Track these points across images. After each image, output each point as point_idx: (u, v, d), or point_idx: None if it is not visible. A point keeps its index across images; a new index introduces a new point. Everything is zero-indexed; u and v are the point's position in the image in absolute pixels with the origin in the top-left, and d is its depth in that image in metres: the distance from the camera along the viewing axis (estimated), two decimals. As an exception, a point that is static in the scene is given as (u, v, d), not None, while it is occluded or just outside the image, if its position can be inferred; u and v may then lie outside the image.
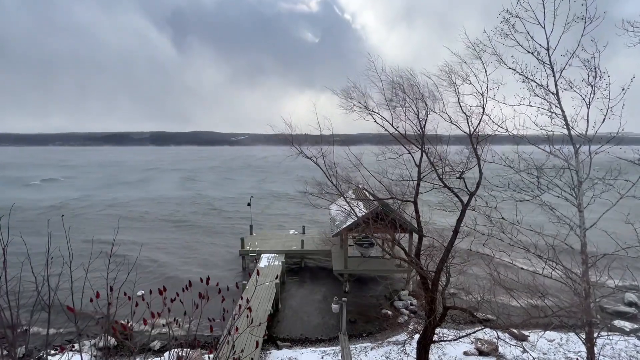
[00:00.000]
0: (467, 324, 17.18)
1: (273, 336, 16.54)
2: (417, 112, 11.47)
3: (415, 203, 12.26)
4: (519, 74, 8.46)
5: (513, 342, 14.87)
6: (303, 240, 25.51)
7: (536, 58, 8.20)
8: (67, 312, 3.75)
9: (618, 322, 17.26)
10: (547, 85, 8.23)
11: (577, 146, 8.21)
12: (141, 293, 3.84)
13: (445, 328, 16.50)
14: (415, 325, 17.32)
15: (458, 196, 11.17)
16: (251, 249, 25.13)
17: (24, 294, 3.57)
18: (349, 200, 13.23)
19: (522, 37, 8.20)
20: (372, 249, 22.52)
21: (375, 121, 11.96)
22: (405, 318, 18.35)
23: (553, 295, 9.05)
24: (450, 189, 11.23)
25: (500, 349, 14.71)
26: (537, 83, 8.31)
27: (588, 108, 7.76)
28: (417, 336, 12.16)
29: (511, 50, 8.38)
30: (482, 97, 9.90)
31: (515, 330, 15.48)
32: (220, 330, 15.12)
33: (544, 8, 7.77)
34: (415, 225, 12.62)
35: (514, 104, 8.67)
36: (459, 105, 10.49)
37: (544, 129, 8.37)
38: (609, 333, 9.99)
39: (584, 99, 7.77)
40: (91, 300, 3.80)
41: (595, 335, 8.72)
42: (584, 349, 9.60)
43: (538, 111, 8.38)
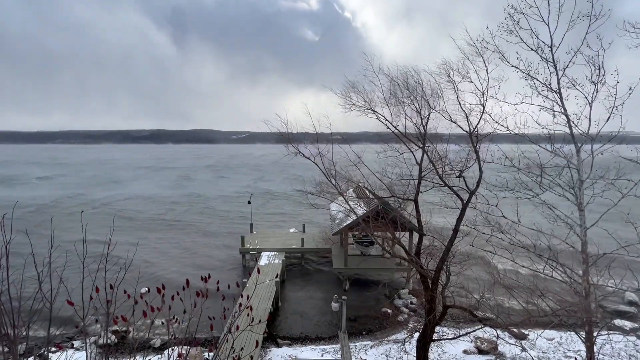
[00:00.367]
0: (467, 322, 17.19)
1: (273, 334, 16.56)
2: (419, 110, 11.43)
3: (415, 201, 12.24)
4: (522, 71, 8.43)
5: (513, 341, 14.89)
6: (303, 239, 25.51)
7: (539, 55, 8.16)
8: (69, 308, 3.73)
9: (618, 321, 17.27)
10: (550, 83, 8.19)
11: (579, 145, 8.18)
12: (145, 290, 3.82)
13: (445, 326, 16.51)
14: (415, 324, 17.32)
15: (458, 195, 11.15)
16: (251, 247, 25.14)
17: (23, 294, 3.57)
18: (349, 198, 13.21)
19: (526, 35, 8.16)
20: (372, 248, 22.53)
21: (377, 118, 11.92)
22: (405, 316, 18.37)
23: (553, 294, 9.05)
24: (450, 187, 11.20)
25: (499, 348, 14.73)
26: (540, 81, 8.27)
27: (590, 106, 7.72)
28: (417, 334, 12.16)
29: (514, 47, 8.35)
30: (483, 95, 9.86)
31: (514, 329, 15.49)
32: (220, 329, 15.14)
33: (549, 5, 7.72)
34: (416, 223, 12.61)
35: (515, 102, 8.64)
36: (459, 103, 10.46)
37: (545, 127, 8.34)
38: (609, 332, 9.98)
39: (586, 98, 7.74)
40: (91, 298, 3.78)
41: (595, 334, 8.73)
42: (583, 347, 9.61)
43: (540, 109, 8.35)
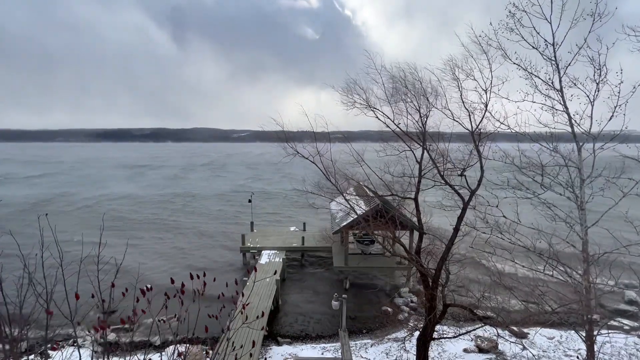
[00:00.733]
0: (467, 321, 17.20)
1: (274, 332, 16.59)
2: (419, 108, 11.39)
3: (415, 200, 12.22)
4: (524, 69, 8.37)
5: (513, 340, 14.88)
6: (304, 237, 25.52)
7: (541, 54, 8.10)
8: (67, 308, 3.72)
9: (618, 320, 17.24)
10: (552, 81, 8.14)
11: (580, 144, 8.14)
12: (147, 287, 3.81)
13: (445, 325, 16.51)
14: (415, 323, 17.29)
15: (459, 194, 11.12)
16: (252, 246, 25.16)
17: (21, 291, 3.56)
18: (349, 197, 13.18)
19: (527, 33, 8.09)
20: (373, 246, 22.52)
21: (377, 117, 11.89)
22: (405, 315, 18.38)
23: (553, 293, 9.03)
24: (451, 186, 11.17)
25: (500, 346, 14.74)
26: (542, 79, 8.22)
27: (592, 105, 7.68)
28: (417, 333, 12.16)
29: (515, 45, 8.28)
30: (486, 94, 9.81)
31: (515, 328, 15.48)
32: (219, 327, 15.17)
33: (552, 3, 7.64)
34: (416, 222, 12.59)
35: (517, 100, 8.59)
36: (462, 101, 10.41)
37: (547, 126, 8.29)
38: (609, 331, 9.96)
39: (588, 96, 7.69)
40: (92, 296, 3.77)
41: (595, 333, 8.71)
42: (583, 346, 9.60)
43: (542, 108, 8.31)
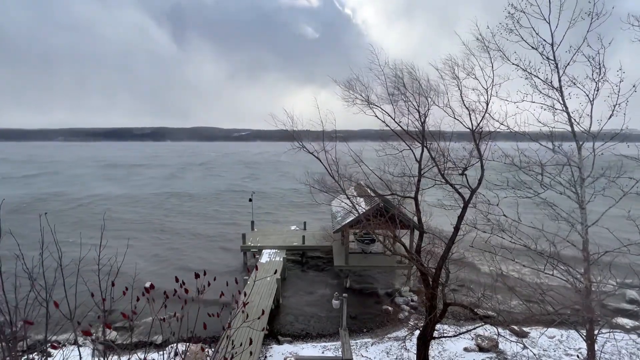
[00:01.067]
0: (468, 320, 17.20)
1: (274, 331, 16.62)
2: (418, 107, 11.37)
3: (415, 199, 12.21)
4: (523, 69, 8.36)
5: (513, 339, 14.86)
6: (304, 236, 25.53)
7: (540, 54, 8.10)
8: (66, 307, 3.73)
9: (619, 320, 17.22)
10: (551, 81, 8.13)
11: (580, 143, 8.13)
12: (149, 284, 3.80)
13: (445, 324, 16.52)
14: (416, 322, 17.32)
15: (459, 192, 11.11)
16: (252, 245, 25.19)
17: (21, 290, 3.56)
18: (350, 196, 13.17)
19: (526, 33, 8.08)
20: (373, 245, 22.52)
21: (376, 116, 11.87)
22: (406, 314, 18.39)
23: (554, 292, 9.02)
24: (451, 185, 11.16)
25: (500, 345, 14.73)
26: (541, 79, 8.21)
27: (592, 104, 7.67)
28: (418, 332, 12.17)
29: (515, 46, 8.27)
30: (487, 93, 9.79)
31: (515, 327, 15.48)
32: (220, 327, 15.19)
33: (550, 3, 7.64)
34: (416, 221, 12.58)
35: (516, 100, 8.58)
36: (462, 100, 10.39)
37: (547, 125, 8.29)
38: (610, 330, 9.95)
39: (587, 96, 7.68)
40: (92, 295, 3.77)
41: (596, 332, 8.70)
42: (584, 346, 9.61)
43: (541, 108, 8.30)
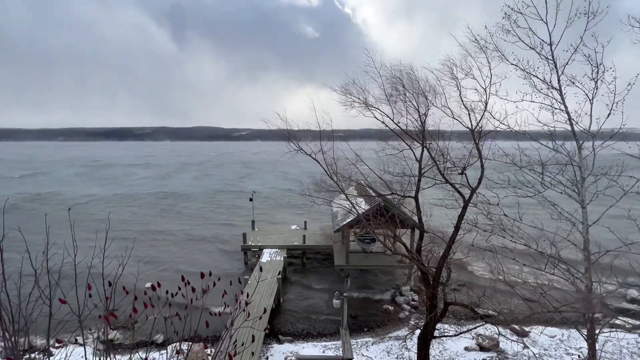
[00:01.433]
0: (468, 319, 17.20)
1: (275, 330, 16.65)
2: (418, 107, 11.38)
3: (416, 199, 12.22)
4: (522, 69, 8.37)
5: (514, 338, 14.87)
6: (305, 236, 25.57)
7: (538, 54, 8.10)
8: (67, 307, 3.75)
9: (620, 319, 17.21)
10: (550, 81, 8.14)
11: (580, 142, 8.14)
12: (149, 285, 3.81)
13: (446, 323, 16.54)
14: (417, 321, 17.35)
15: (460, 192, 11.12)
16: (253, 244, 25.22)
17: (23, 289, 3.58)
18: (350, 196, 13.18)
19: (524, 33, 8.09)
20: (374, 245, 22.54)
21: (375, 117, 11.87)
22: (407, 313, 18.41)
23: (555, 291, 9.03)
24: (451, 184, 11.17)
25: (501, 345, 14.74)
26: (540, 79, 8.22)
27: (591, 103, 7.67)
28: (418, 331, 12.18)
29: (513, 46, 8.28)
30: (485, 92, 9.81)
31: (516, 326, 15.48)
32: (221, 325, 15.22)
33: (546, 3, 7.66)
34: (416, 220, 12.59)
35: (516, 100, 8.59)
36: (461, 100, 10.41)
37: (546, 125, 8.29)
38: (611, 330, 9.97)
39: (587, 95, 7.68)
40: (89, 295, 3.78)
41: (596, 331, 8.71)
42: (585, 345, 9.61)
43: (541, 107, 8.31)
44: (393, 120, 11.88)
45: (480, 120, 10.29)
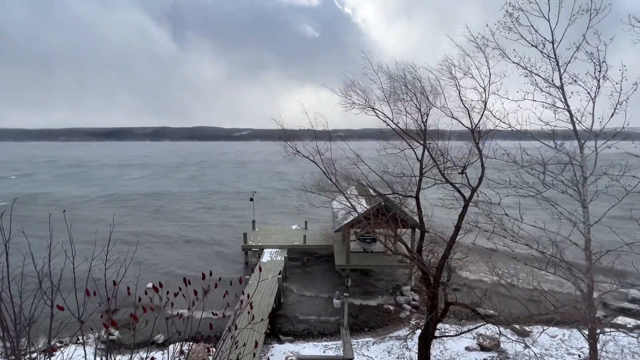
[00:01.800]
0: (469, 319, 17.19)
1: (275, 330, 16.64)
2: (419, 107, 11.37)
3: (417, 198, 12.21)
4: (523, 67, 8.33)
5: (515, 338, 14.87)
6: (305, 236, 25.55)
7: (540, 51, 8.06)
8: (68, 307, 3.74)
9: (621, 319, 17.19)
10: (552, 79, 8.10)
11: (582, 141, 8.10)
12: (150, 285, 3.81)
13: (447, 323, 16.53)
14: (417, 321, 17.34)
15: (460, 191, 11.11)
16: (254, 244, 25.21)
17: (26, 288, 3.57)
18: (350, 196, 13.16)
19: (526, 31, 8.05)
20: (375, 245, 22.52)
21: (377, 116, 11.87)
22: (407, 313, 18.38)
23: (556, 291, 9.02)
24: (452, 184, 11.16)
25: (502, 345, 14.72)
26: (542, 77, 8.18)
27: (593, 102, 7.63)
28: (419, 331, 12.17)
29: (515, 44, 8.25)
30: (485, 91, 9.79)
31: (517, 326, 15.46)
32: (222, 326, 15.20)
33: (549, 0, 7.62)
34: (417, 220, 12.58)
35: (517, 98, 8.56)
36: (460, 100, 10.39)
37: (548, 123, 8.26)
38: (612, 329, 9.94)
39: (589, 93, 7.65)
40: (94, 294, 3.78)
41: (598, 331, 8.68)
42: (586, 345, 9.58)
43: (542, 106, 8.27)
44: (393, 120, 11.89)
45: (480, 119, 10.28)
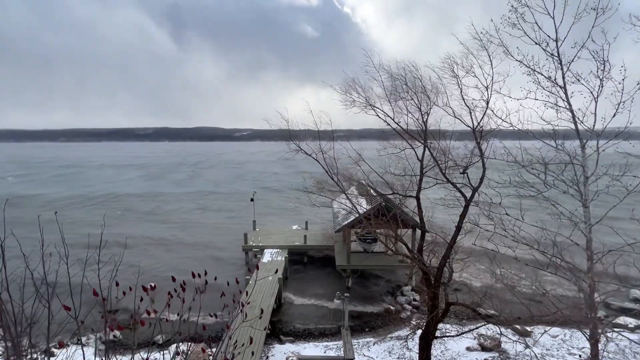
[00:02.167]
0: (470, 319, 17.15)
1: (276, 331, 16.62)
2: (420, 106, 11.33)
3: (417, 198, 12.18)
4: (526, 66, 8.28)
5: (516, 338, 14.82)
6: (306, 236, 25.52)
7: (543, 50, 8.01)
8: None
9: (623, 319, 17.14)
10: (555, 78, 8.06)
11: (584, 141, 8.06)
12: (152, 284, 3.79)
13: (447, 323, 16.48)
14: (418, 321, 17.29)
15: (461, 191, 11.07)
16: (254, 244, 25.19)
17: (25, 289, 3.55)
18: (350, 196, 13.14)
19: (530, 28, 7.98)
20: (375, 245, 22.48)
21: (377, 115, 11.84)
22: (408, 313, 18.35)
23: (557, 291, 8.98)
24: (453, 184, 11.12)
25: (502, 345, 14.69)
26: (544, 76, 8.13)
27: (596, 102, 7.59)
28: (420, 331, 12.14)
29: (517, 41, 8.19)
30: (487, 90, 9.75)
31: (518, 326, 15.41)
32: (222, 326, 15.19)
33: (555, -4, 7.54)
34: (418, 220, 12.55)
35: (519, 97, 8.52)
36: (462, 99, 10.35)
37: (550, 123, 8.21)
38: (614, 329, 9.89)
39: (592, 93, 7.60)
40: (95, 295, 3.76)
41: (599, 331, 8.65)
42: (587, 345, 9.53)
43: (545, 105, 8.23)
44: (394, 120, 11.86)
45: (481, 118, 10.24)
